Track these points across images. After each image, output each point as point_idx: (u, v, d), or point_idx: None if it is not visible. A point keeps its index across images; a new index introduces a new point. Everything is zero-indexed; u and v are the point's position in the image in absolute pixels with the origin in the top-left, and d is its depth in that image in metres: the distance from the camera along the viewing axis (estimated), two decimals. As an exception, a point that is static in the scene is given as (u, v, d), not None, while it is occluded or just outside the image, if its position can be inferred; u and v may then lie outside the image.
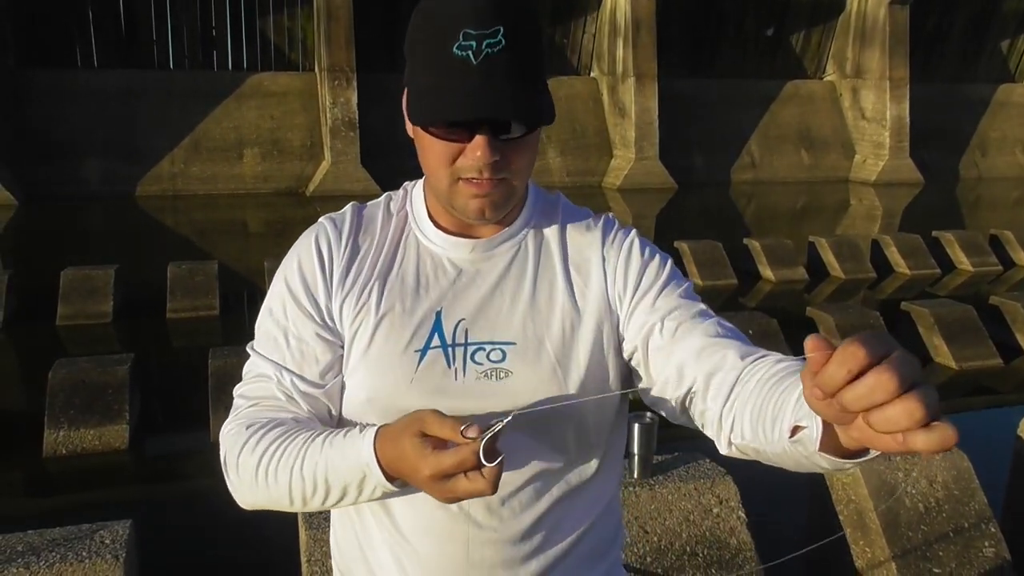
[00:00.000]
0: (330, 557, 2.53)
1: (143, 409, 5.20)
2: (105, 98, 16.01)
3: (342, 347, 1.23)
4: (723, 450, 1.12)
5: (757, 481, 3.60)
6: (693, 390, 1.15)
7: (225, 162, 16.55)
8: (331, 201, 15.67)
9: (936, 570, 2.94)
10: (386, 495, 1.10)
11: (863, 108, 20.63)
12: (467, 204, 1.15)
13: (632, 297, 1.25)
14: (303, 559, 2.60)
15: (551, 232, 1.29)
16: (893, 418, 0.71)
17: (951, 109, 21.67)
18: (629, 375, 1.27)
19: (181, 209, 15.11)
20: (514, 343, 1.20)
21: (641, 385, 1.24)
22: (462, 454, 0.96)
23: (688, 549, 2.84)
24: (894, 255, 10.15)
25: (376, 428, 1.07)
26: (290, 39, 17.62)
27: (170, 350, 7.05)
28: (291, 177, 16.75)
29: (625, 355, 1.25)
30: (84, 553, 2.43)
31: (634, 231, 1.32)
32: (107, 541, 2.50)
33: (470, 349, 1.19)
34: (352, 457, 1.08)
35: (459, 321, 1.20)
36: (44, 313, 7.35)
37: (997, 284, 9.62)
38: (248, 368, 1.27)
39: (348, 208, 1.31)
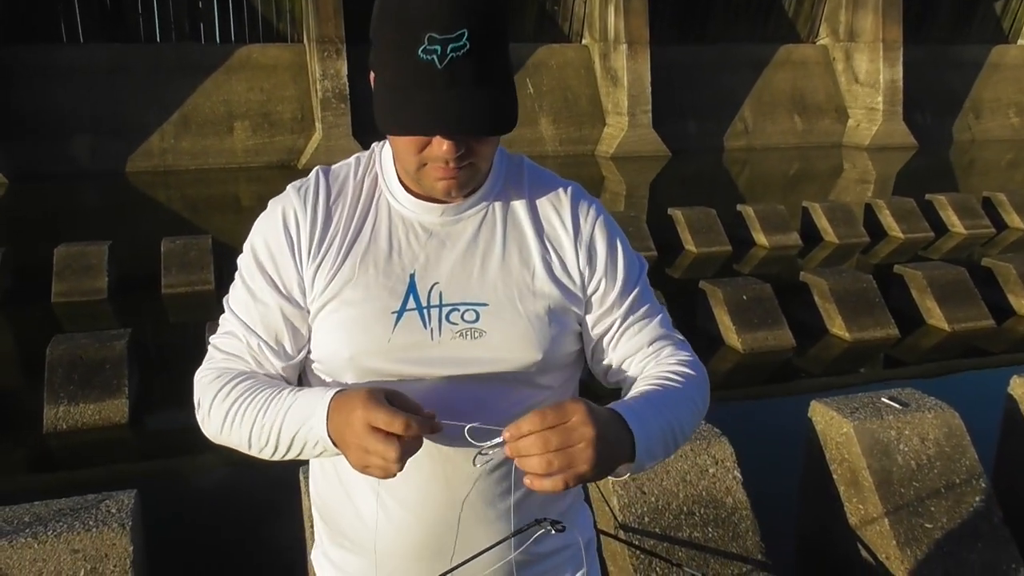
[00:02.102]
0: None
1: (142, 384, 5.23)
2: (92, 74, 15.86)
3: (308, 316, 1.29)
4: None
5: (752, 441, 3.65)
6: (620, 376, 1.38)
7: (215, 136, 16.45)
8: (324, 174, 15.56)
9: (928, 525, 3.00)
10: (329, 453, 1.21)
11: (856, 72, 20.53)
12: (434, 185, 1.21)
13: (597, 282, 1.34)
14: (307, 524, 2.64)
15: (518, 196, 1.34)
16: (529, 463, 1.07)
17: (945, 71, 21.56)
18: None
19: (172, 184, 15.04)
20: (487, 304, 1.26)
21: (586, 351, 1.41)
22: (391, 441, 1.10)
23: (685, 509, 2.89)
24: (887, 219, 10.17)
25: (332, 393, 1.17)
26: (278, 10, 17.42)
27: (167, 325, 7.07)
28: (282, 150, 16.67)
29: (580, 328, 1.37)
30: (91, 522, 2.46)
31: (599, 205, 1.39)
32: (113, 510, 2.53)
33: (445, 310, 1.25)
34: (305, 415, 1.18)
35: (433, 284, 1.26)
36: (39, 291, 7.35)
37: (990, 246, 9.66)
38: (223, 321, 1.35)
39: (313, 174, 1.34)
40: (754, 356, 6.00)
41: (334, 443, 1.16)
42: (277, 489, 3.31)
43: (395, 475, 1.11)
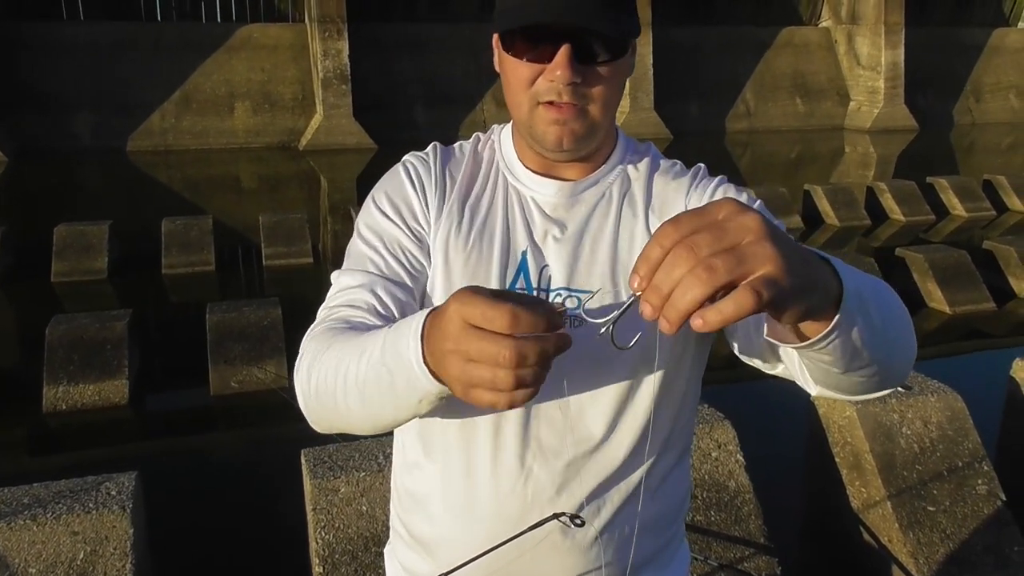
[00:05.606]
0: (335, 506, 2.56)
1: (142, 364, 5.21)
2: (93, 51, 15.78)
3: (429, 260, 1.21)
4: (813, 392, 1.14)
5: (755, 425, 3.65)
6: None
7: (216, 116, 16.38)
8: (324, 155, 15.54)
9: (930, 508, 2.99)
10: (436, 403, 0.94)
11: (858, 54, 20.45)
12: (546, 132, 1.13)
13: None
14: (308, 508, 2.62)
15: (638, 181, 1.26)
16: (682, 287, 0.70)
17: (946, 54, 21.49)
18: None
19: (173, 164, 14.99)
20: (590, 291, 1.18)
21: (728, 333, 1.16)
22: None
23: (687, 492, 2.88)
24: (888, 202, 10.14)
25: (429, 309, 0.91)
26: (279, -11, 17.35)
27: (167, 305, 7.05)
28: (283, 131, 16.60)
29: None
30: (91, 504, 2.45)
31: (724, 178, 1.29)
32: (113, 492, 2.52)
33: (550, 295, 1.18)
34: (395, 339, 0.93)
35: (543, 267, 1.19)
36: (39, 270, 7.33)
37: (990, 229, 9.63)
38: (336, 280, 1.22)
39: (431, 146, 1.30)
40: (755, 339, 5.98)
41: (432, 372, 0.87)
42: (278, 471, 3.30)
43: (517, 403, 0.80)
